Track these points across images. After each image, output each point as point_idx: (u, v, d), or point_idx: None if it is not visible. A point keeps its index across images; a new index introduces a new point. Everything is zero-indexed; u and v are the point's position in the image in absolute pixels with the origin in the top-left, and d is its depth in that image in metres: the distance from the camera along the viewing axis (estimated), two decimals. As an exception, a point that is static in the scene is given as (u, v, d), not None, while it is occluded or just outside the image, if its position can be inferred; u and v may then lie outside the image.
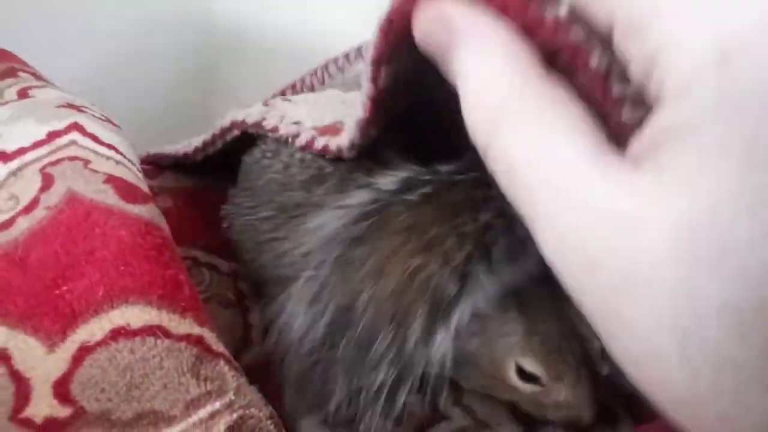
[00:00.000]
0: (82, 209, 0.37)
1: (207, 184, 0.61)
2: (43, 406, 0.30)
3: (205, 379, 0.32)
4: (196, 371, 0.32)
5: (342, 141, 0.39)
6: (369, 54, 0.29)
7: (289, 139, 0.44)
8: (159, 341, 0.32)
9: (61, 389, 0.31)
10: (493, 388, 0.41)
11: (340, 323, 0.34)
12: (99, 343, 0.32)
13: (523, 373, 0.37)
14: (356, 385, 0.34)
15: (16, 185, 0.39)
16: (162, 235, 0.38)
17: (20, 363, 0.31)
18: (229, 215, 0.51)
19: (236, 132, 0.49)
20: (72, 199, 0.38)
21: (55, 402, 0.31)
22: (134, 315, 0.33)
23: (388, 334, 0.33)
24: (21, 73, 0.54)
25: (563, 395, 0.37)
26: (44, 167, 0.40)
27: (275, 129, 0.45)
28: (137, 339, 0.32)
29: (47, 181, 0.39)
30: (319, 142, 0.42)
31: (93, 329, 0.32)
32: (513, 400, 0.40)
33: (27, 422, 0.30)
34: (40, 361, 0.31)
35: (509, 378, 0.38)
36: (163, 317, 0.33)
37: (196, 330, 0.34)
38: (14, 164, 0.41)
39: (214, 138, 0.52)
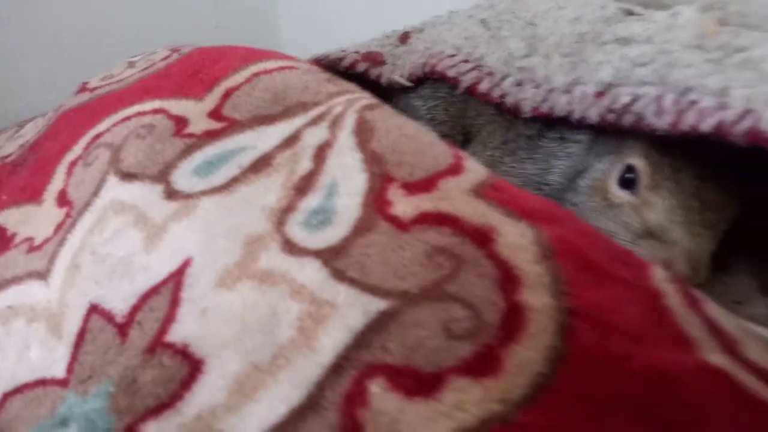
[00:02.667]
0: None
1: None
2: (201, 125, 0.32)
3: (336, 84, 0.33)
4: (331, 80, 0.34)
5: None
6: None
7: None
8: (295, 71, 0.35)
9: (214, 115, 0.33)
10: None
11: None
12: (241, 84, 0.34)
13: (624, 181, 0.39)
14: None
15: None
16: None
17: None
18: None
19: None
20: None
21: (211, 120, 0.32)
22: (271, 63, 0.36)
23: None
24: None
25: (654, 213, 0.37)
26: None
27: None
28: (275, 72, 0.34)
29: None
30: None
31: (236, 78, 0.35)
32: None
33: (188, 135, 0.32)
34: (191, 110, 0.34)
35: (612, 187, 0.40)
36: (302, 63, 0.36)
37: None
38: None
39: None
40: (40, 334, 0.27)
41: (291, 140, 0.30)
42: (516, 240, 0.23)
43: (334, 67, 0.63)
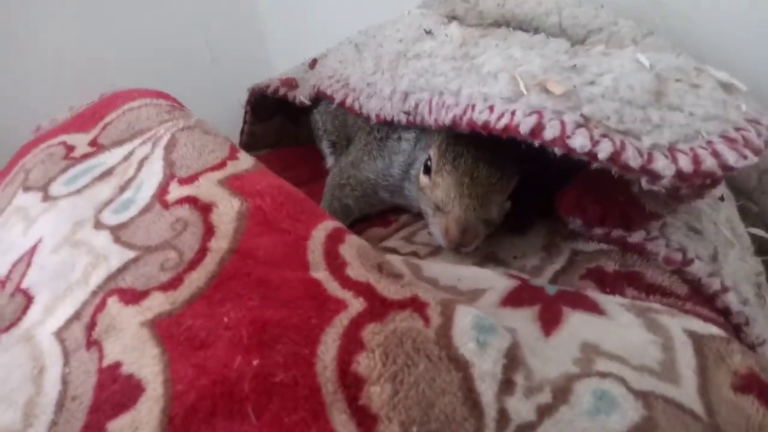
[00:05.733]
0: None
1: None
2: (82, 150, 0.47)
3: (172, 114, 0.47)
4: (170, 111, 0.47)
5: None
6: None
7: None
8: (150, 107, 0.48)
9: (92, 143, 0.47)
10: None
11: None
12: (114, 119, 0.48)
13: (425, 168, 0.50)
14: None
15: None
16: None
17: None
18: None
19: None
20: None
21: (89, 147, 0.47)
22: (138, 102, 0.50)
23: None
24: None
25: (438, 191, 0.48)
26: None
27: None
28: (137, 109, 0.48)
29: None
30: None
31: (113, 115, 0.49)
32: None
33: (72, 158, 0.46)
34: (80, 140, 0.48)
35: (420, 174, 0.51)
36: (161, 101, 0.50)
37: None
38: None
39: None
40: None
41: (128, 156, 0.44)
42: (226, 210, 0.36)
43: (263, 93, 0.77)
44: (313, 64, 0.75)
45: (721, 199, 0.55)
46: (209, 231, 0.35)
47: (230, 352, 0.28)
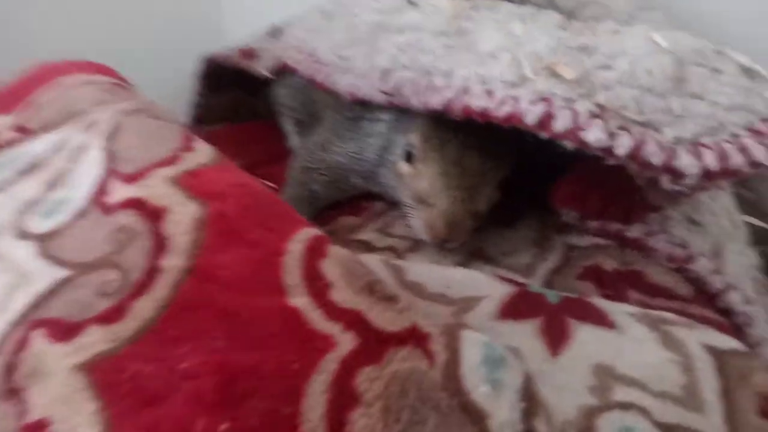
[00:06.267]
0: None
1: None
2: (4, 136, 0.39)
3: (114, 94, 0.39)
4: (111, 90, 0.40)
5: None
6: None
7: None
8: (90, 86, 0.41)
9: (16, 127, 0.39)
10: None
11: None
12: (44, 100, 0.41)
13: (406, 155, 0.44)
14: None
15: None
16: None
17: None
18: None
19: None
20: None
21: (12, 132, 0.39)
22: (73, 79, 0.42)
23: None
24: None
25: (422, 181, 0.42)
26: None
27: None
28: (73, 88, 0.41)
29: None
30: None
31: (41, 93, 0.41)
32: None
33: None
34: (1, 124, 0.40)
35: (398, 161, 0.45)
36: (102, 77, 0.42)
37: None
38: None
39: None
40: None
41: (60, 145, 0.36)
42: (181, 216, 0.29)
43: (222, 63, 0.70)
44: (274, 33, 0.68)
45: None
46: (160, 245, 0.28)
47: (190, 410, 0.22)
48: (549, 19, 0.45)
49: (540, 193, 0.46)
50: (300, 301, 0.26)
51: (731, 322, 0.43)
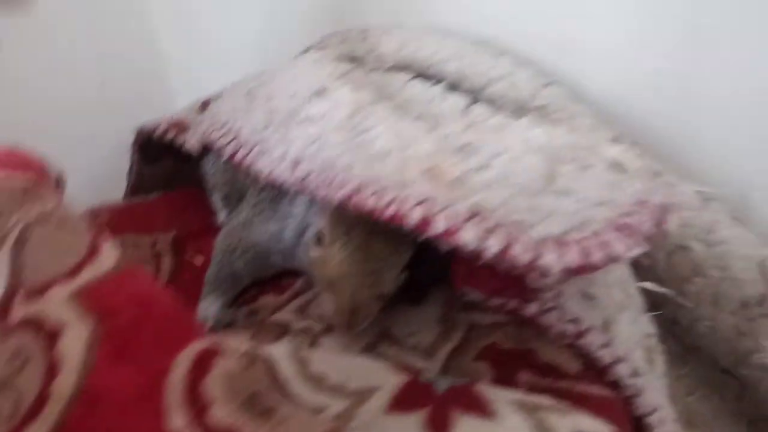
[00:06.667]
0: None
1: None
2: None
3: (28, 195, 0.41)
4: (27, 192, 0.42)
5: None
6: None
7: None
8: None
9: None
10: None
11: None
12: None
13: (317, 238, 0.47)
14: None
15: None
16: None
17: None
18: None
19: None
20: None
21: None
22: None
23: None
24: None
25: (329, 266, 0.45)
26: None
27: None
28: None
29: None
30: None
31: None
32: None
33: None
34: None
35: (311, 244, 0.48)
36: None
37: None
38: None
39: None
40: None
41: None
42: (76, 335, 0.31)
43: (150, 136, 0.72)
44: (203, 106, 0.70)
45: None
46: (53, 368, 0.30)
47: None
48: (451, 104, 0.49)
49: (447, 268, 0.49)
50: (178, 423, 0.28)
51: (621, 395, 0.46)
